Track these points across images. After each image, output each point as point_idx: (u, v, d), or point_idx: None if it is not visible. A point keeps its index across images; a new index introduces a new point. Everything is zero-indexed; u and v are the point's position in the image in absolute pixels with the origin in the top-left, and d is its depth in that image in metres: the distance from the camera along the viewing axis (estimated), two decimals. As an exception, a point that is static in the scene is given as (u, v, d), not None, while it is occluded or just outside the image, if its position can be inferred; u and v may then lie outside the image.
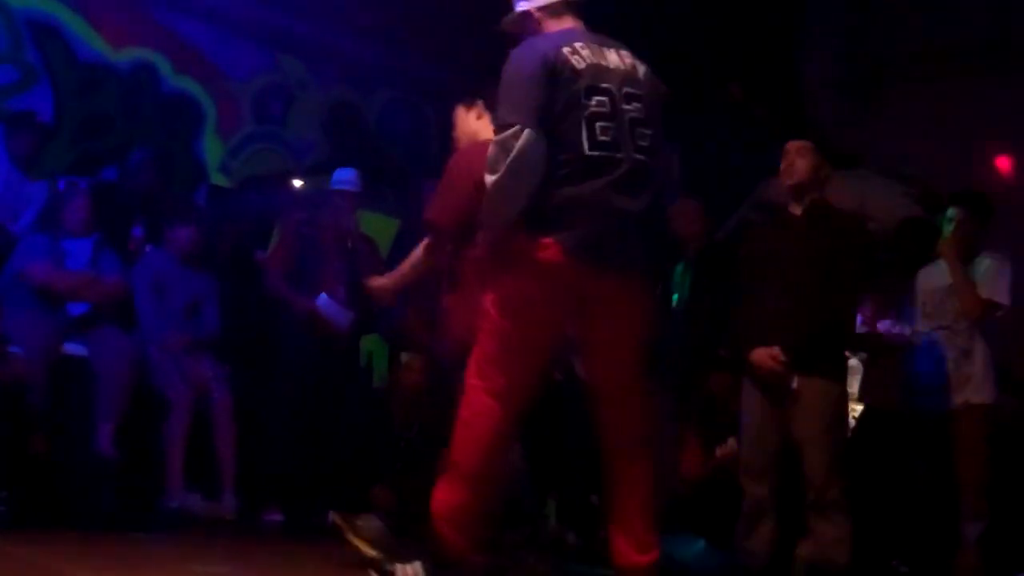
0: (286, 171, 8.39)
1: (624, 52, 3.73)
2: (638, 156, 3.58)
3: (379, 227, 7.83)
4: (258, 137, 8.49)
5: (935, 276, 5.45)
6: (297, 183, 8.22)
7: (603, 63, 3.63)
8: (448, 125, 4.87)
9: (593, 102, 3.55)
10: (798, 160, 4.79)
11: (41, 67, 7.42)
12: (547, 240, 3.44)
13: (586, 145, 3.52)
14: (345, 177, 6.59)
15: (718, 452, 5.74)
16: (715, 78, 8.36)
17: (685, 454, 5.76)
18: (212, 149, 8.32)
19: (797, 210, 4.81)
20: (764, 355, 4.62)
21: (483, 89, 4.65)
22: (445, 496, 3.53)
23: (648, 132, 3.62)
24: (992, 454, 5.21)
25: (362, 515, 4.36)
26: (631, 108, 3.61)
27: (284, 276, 6.35)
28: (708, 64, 8.32)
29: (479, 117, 4.68)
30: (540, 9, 3.80)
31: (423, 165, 8.69)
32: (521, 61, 3.55)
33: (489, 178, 3.46)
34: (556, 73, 3.52)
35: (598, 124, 3.55)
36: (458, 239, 4.28)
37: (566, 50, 3.57)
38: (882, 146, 8.10)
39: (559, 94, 3.51)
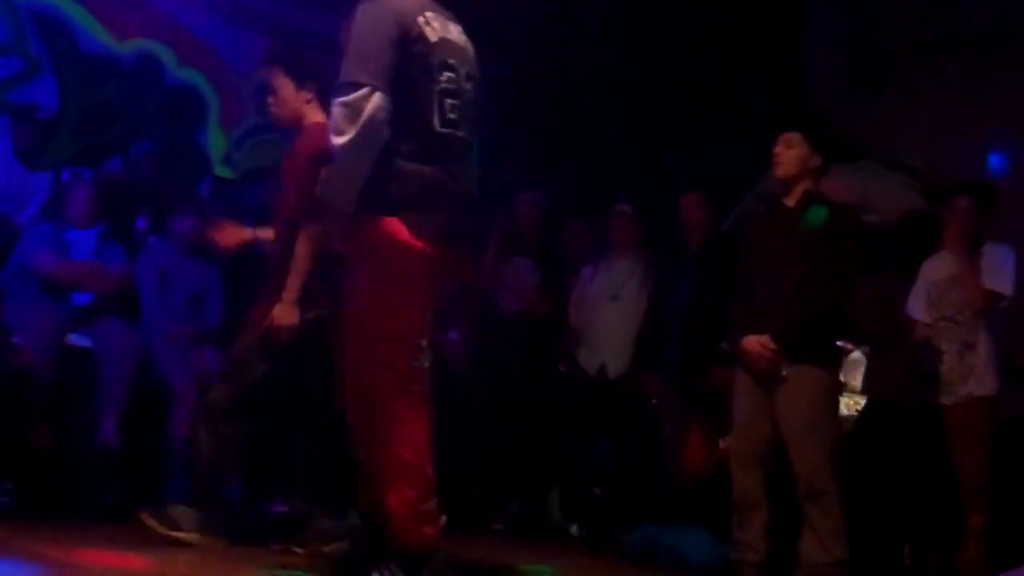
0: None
1: (459, 27, 3.67)
2: (470, 138, 3.58)
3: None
4: (261, 129, 8.47)
5: (939, 267, 5.44)
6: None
7: (449, 38, 3.57)
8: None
9: (443, 77, 3.50)
10: (787, 152, 4.79)
11: (45, 58, 7.41)
12: (404, 223, 3.36)
13: (437, 122, 3.47)
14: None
15: (722, 444, 5.74)
16: (718, 68, 8.34)
17: (689, 446, 5.76)
18: (216, 141, 8.31)
19: (790, 201, 4.82)
20: (754, 343, 4.65)
21: (308, 69, 4.62)
22: (402, 495, 3.37)
23: (475, 115, 3.62)
24: (995, 446, 5.21)
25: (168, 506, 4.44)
26: (468, 88, 3.59)
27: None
28: (711, 54, 8.30)
29: (308, 102, 4.60)
30: None
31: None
32: (374, 19, 3.41)
33: (337, 140, 3.32)
34: (409, 40, 3.43)
35: (447, 101, 3.50)
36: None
37: (420, 19, 3.48)
38: (886, 137, 8.08)
39: (410, 63, 3.42)
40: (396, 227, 3.36)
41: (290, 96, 4.64)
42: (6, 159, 6.41)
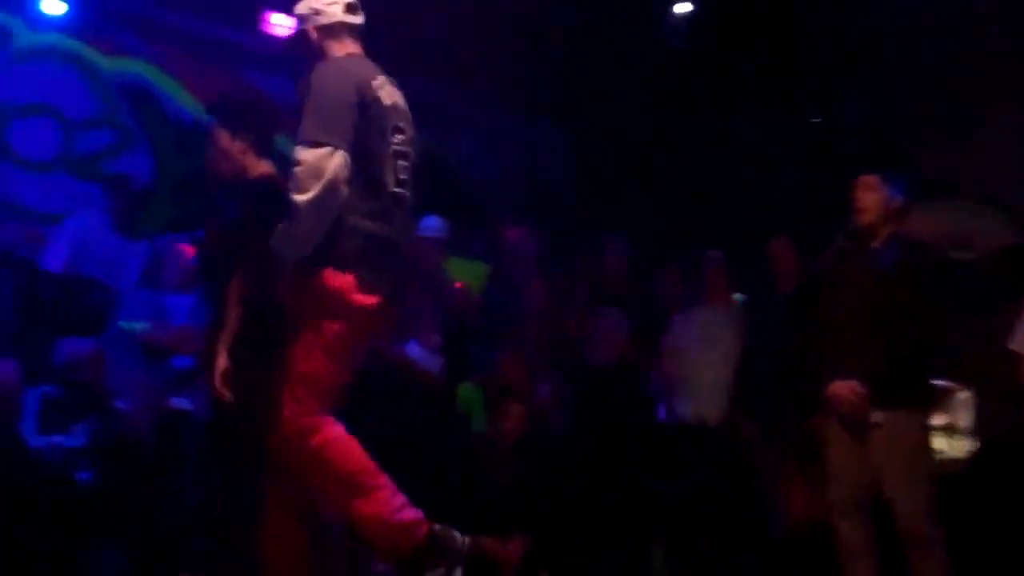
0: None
1: (400, 93, 3.78)
2: (411, 196, 3.75)
3: (468, 272, 7.86)
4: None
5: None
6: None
7: (398, 103, 3.73)
8: (531, 167, 4.87)
9: (396, 140, 3.67)
10: (867, 196, 4.74)
11: (136, 129, 7.61)
12: (358, 282, 3.49)
13: (391, 181, 3.63)
14: (431, 224, 6.64)
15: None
16: (807, 100, 8.30)
17: (792, 497, 5.67)
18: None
19: (875, 243, 4.76)
20: (843, 388, 4.58)
21: (243, 118, 4.46)
22: (373, 510, 3.53)
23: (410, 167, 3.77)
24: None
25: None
26: (411, 151, 3.77)
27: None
28: (799, 87, 8.25)
29: (243, 152, 4.39)
30: (319, 29, 3.78)
31: (508, 207, 8.73)
32: (333, 83, 3.54)
33: (300, 197, 3.40)
34: (366, 104, 3.55)
35: (399, 162, 3.68)
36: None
37: (375, 83, 3.63)
38: (975, 173, 7.97)
39: (367, 125, 3.54)
40: (346, 282, 3.49)
41: (227, 146, 4.39)
42: (104, 229, 6.57)
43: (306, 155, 3.40)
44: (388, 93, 3.66)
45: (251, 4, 7.52)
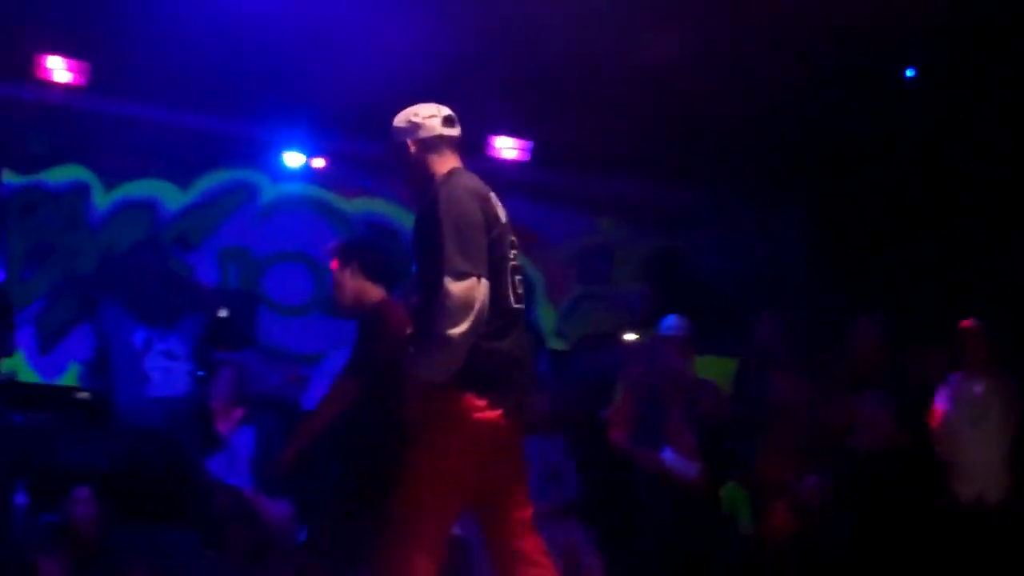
0: (618, 326, 8.51)
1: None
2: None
3: (717, 368, 7.76)
4: (587, 297, 8.69)
5: None
6: (631, 336, 8.31)
7: (505, 213, 3.66)
8: (769, 253, 4.81)
9: (511, 255, 3.60)
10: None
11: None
12: (487, 402, 3.46)
13: (512, 299, 3.56)
14: (673, 324, 6.60)
15: None
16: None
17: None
18: (545, 315, 8.58)
19: None
20: None
21: (348, 248, 4.84)
22: None
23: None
24: None
25: None
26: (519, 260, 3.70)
27: (630, 431, 6.36)
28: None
29: (353, 276, 4.68)
30: (418, 144, 3.76)
31: (750, 297, 8.62)
32: (464, 207, 3.49)
33: (452, 330, 3.35)
34: (489, 223, 3.52)
35: (517, 278, 3.61)
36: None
37: (492, 198, 3.61)
38: None
39: (491, 245, 3.50)
40: (476, 403, 3.46)
41: (339, 277, 4.76)
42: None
43: (454, 287, 3.37)
44: (500, 208, 3.66)
45: (479, 130, 7.76)
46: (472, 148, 7.77)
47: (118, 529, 5.55)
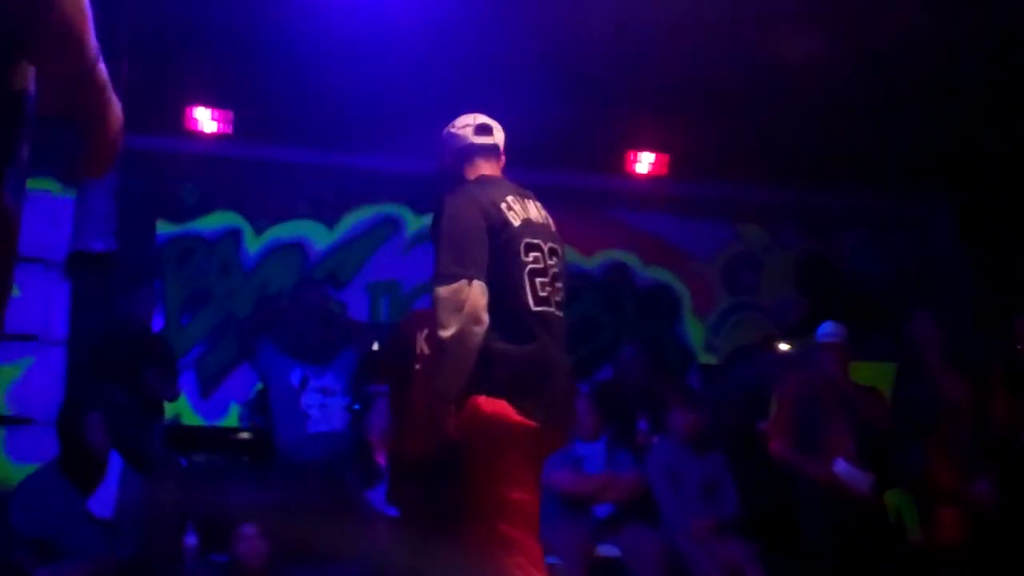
0: (769, 336, 8.39)
1: (539, 203, 3.76)
2: (561, 312, 3.65)
3: (875, 374, 7.57)
4: (735, 309, 8.58)
5: None
6: (783, 346, 8.17)
7: (530, 217, 3.66)
8: (922, 252, 4.66)
9: (530, 258, 3.57)
10: None
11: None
12: (513, 406, 3.44)
13: (531, 301, 3.53)
14: (830, 331, 6.46)
15: None
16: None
17: None
18: (694, 330, 8.50)
19: None
20: None
21: None
22: None
23: (562, 286, 3.68)
24: None
25: None
26: (554, 263, 3.65)
27: (791, 442, 6.25)
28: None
29: None
30: (452, 153, 3.84)
31: (906, 298, 8.41)
32: (461, 212, 3.53)
33: (443, 333, 3.39)
34: (496, 229, 3.53)
35: (537, 280, 3.57)
36: None
37: (503, 205, 3.59)
38: None
39: (500, 250, 3.51)
40: (503, 408, 3.44)
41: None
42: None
43: (441, 291, 3.43)
44: (518, 212, 3.64)
45: (617, 147, 7.75)
46: (607, 166, 7.85)
47: (284, 565, 5.67)
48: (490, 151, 3.88)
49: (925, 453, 6.14)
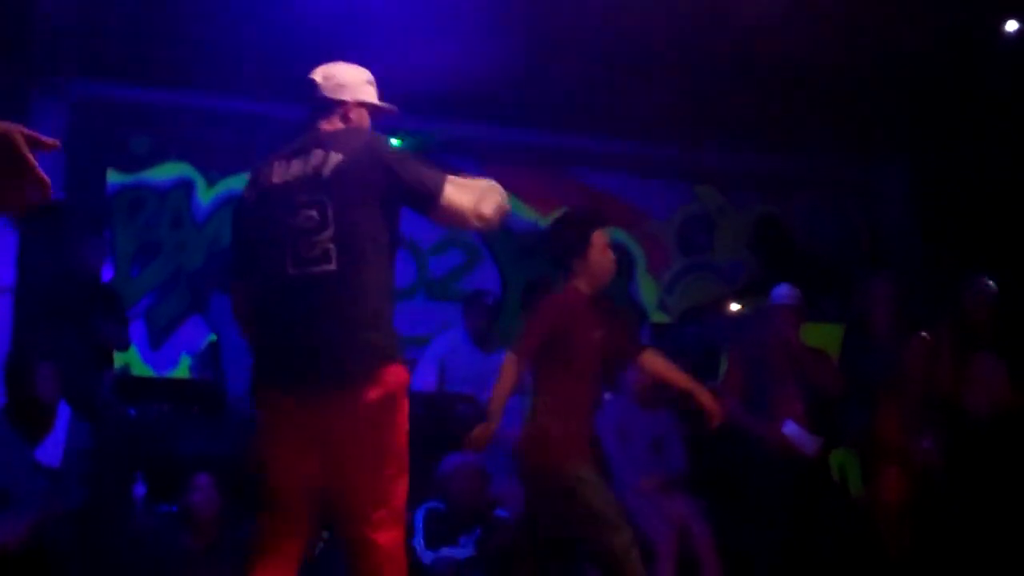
0: (721, 297, 8.44)
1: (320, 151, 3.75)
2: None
3: (824, 336, 7.65)
4: (688, 269, 8.62)
5: None
6: (735, 307, 8.23)
7: (300, 171, 3.76)
8: (873, 216, 4.70)
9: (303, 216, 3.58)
10: None
11: (482, 245, 7.97)
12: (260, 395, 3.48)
13: (290, 266, 3.51)
14: (784, 292, 6.51)
15: None
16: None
17: None
18: (647, 289, 8.54)
19: None
20: None
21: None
22: None
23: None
24: None
25: None
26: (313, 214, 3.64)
27: (740, 402, 6.31)
28: None
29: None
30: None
31: (857, 261, 8.49)
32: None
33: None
34: (255, 204, 3.71)
35: (302, 240, 3.55)
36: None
37: (274, 166, 3.75)
38: None
39: (261, 222, 3.66)
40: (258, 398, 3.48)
41: None
42: (465, 345, 6.87)
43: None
44: (281, 172, 3.67)
45: (573, 104, 7.73)
46: (564, 123, 7.82)
47: (236, 516, 5.66)
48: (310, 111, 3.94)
49: (871, 413, 6.22)
